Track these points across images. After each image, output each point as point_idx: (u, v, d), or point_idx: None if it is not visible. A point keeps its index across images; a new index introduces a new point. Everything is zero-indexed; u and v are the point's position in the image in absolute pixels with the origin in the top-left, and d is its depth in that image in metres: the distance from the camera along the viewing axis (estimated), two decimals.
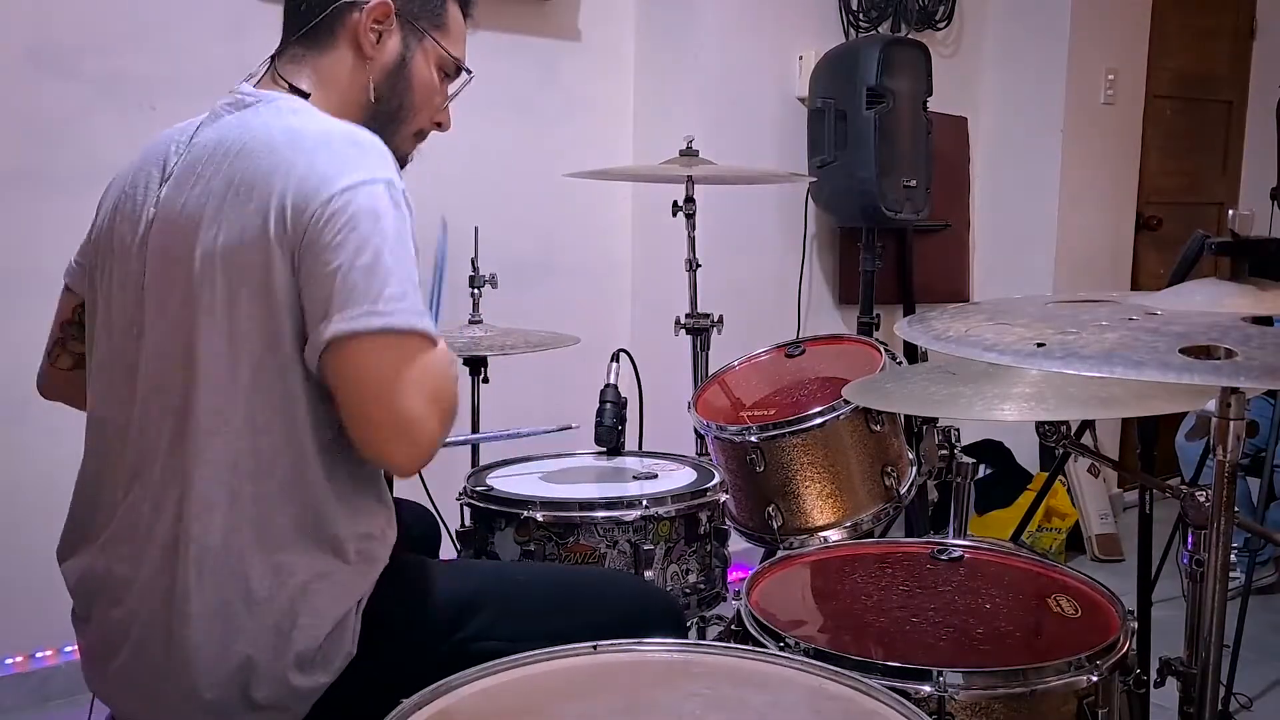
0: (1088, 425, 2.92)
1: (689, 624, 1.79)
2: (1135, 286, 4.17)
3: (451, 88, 1.45)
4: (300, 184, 1.15)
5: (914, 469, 2.01)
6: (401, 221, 1.18)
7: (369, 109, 1.36)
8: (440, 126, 1.46)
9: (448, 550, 1.83)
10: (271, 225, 1.15)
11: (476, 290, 2.32)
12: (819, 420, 1.89)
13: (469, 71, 1.44)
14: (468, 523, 1.75)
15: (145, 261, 1.24)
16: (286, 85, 1.31)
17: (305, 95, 1.31)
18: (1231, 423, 1.08)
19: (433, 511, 1.80)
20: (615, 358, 2.02)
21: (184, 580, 1.17)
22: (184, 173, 1.24)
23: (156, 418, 1.21)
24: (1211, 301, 1.04)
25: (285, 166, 1.17)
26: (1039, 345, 0.92)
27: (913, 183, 3.28)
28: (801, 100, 3.40)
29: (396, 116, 1.39)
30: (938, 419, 2.01)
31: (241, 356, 1.17)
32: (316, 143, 1.19)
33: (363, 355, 1.13)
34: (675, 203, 2.49)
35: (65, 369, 1.44)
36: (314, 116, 1.26)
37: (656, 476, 1.85)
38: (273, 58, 1.36)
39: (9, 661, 2.48)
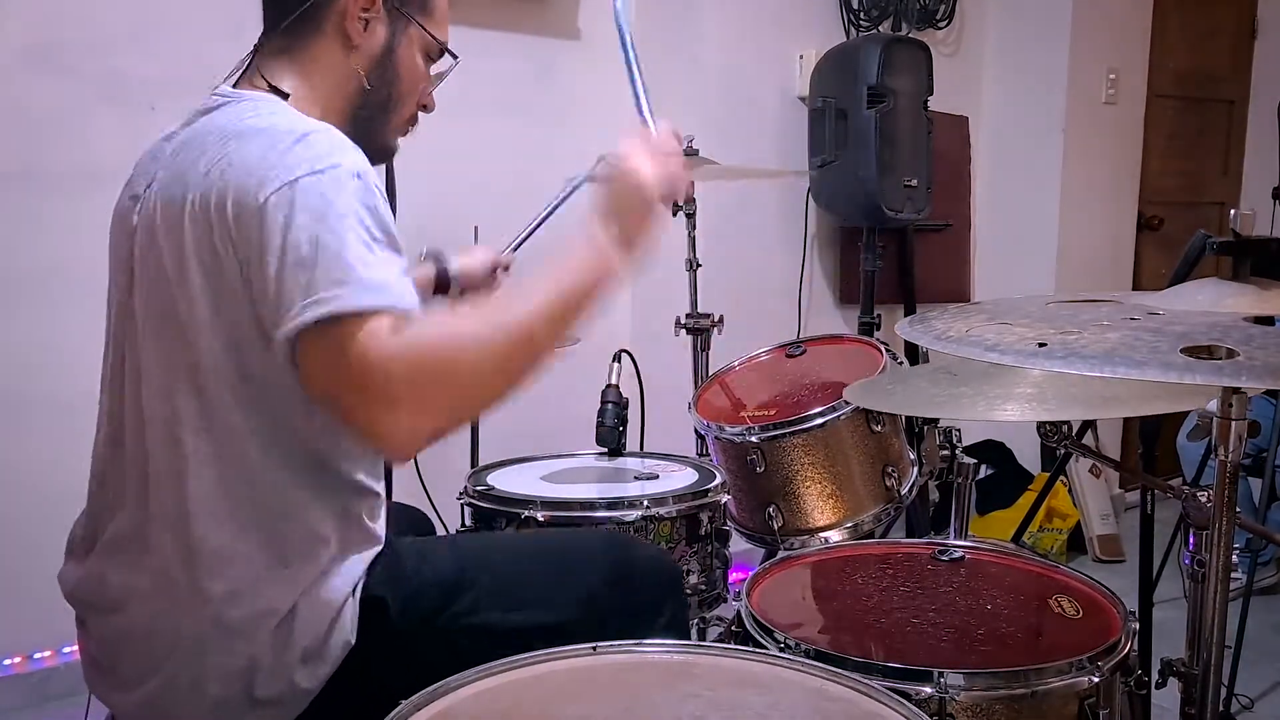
0: (1089, 425, 2.92)
1: (690, 625, 1.78)
2: (1137, 286, 4.17)
3: (436, 69, 1.41)
4: (240, 185, 1.11)
5: (915, 469, 2.00)
6: (350, 198, 1.10)
7: (359, 98, 1.32)
8: (425, 108, 1.42)
9: None
10: (215, 229, 1.12)
11: None
12: (819, 420, 1.89)
13: (455, 56, 1.40)
14: (468, 522, 1.75)
15: (133, 273, 1.23)
16: (266, 84, 1.27)
17: (284, 95, 1.26)
18: (1233, 423, 1.08)
19: (428, 517, 1.79)
20: (616, 358, 2.02)
21: (188, 587, 1.17)
22: (162, 179, 1.22)
23: (147, 425, 1.20)
24: (1213, 301, 1.04)
25: (229, 168, 1.12)
26: (1040, 345, 0.92)
27: (913, 182, 3.27)
28: (802, 100, 3.40)
29: (386, 105, 1.35)
30: (939, 419, 2.00)
31: (217, 365, 1.16)
32: (268, 141, 1.13)
33: (314, 351, 1.08)
34: (675, 202, 2.48)
35: None
36: (279, 116, 1.20)
37: (658, 477, 1.85)
38: (255, 52, 1.32)
39: (7, 662, 2.48)
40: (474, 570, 1.34)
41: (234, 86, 1.30)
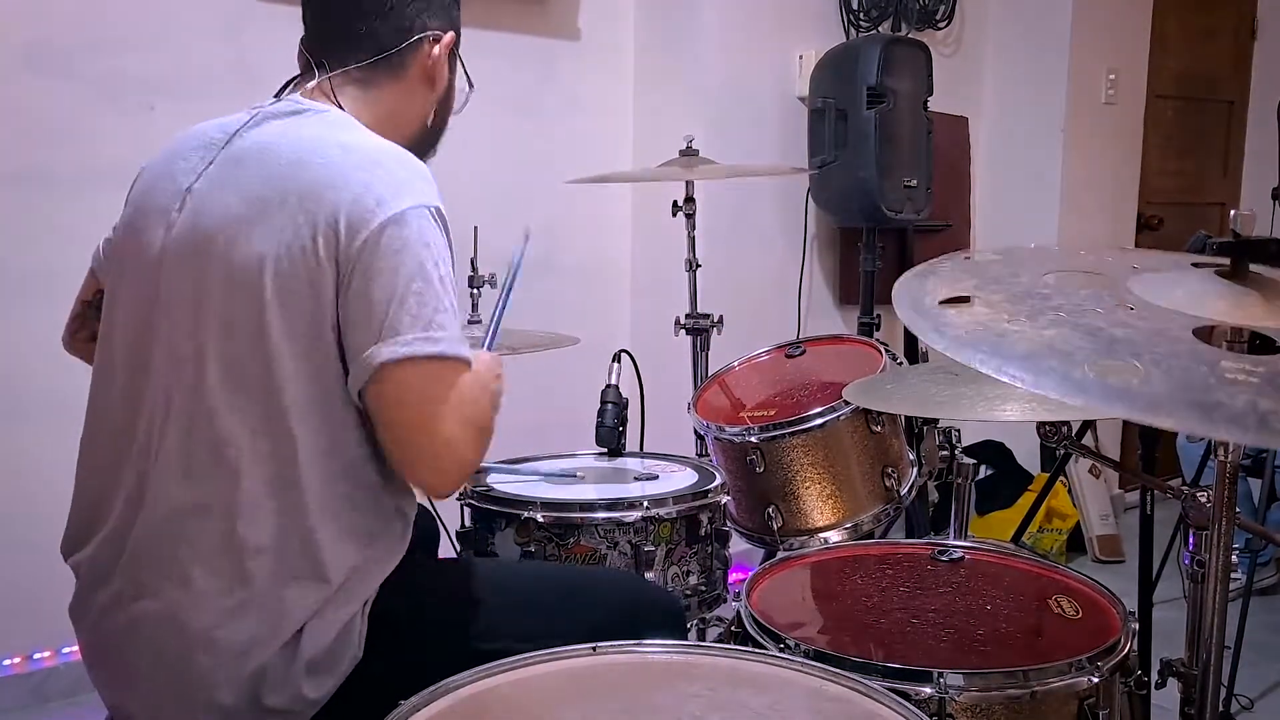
0: (1089, 426, 2.92)
1: (690, 625, 1.78)
2: None
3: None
4: (355, 204, 1.16)
5: (914, 470, 2.00)
6: (446, 248, 1.21)
7: (421, 132, 1.40)
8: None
9: (445, 551, 1.82)
10: (321, 240, 1.16)
11: (476, 290, 2.31)
12: (819, 421, 1.89)
13: (471, 85, 1.48)
14: (468, 523, 1.75)
15: (166, 258, 1.23)
16: (338, 104, 1.32)
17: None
18: None
19: (431, 513, 1.80)
20: (616, 358, 2.02)
21: (208, 586, 1.17)
22: (221, 173, 1.23)
23: (169, 419, 1.20)
24: (1195, 301, 1.01)
25: (338, 181, 1.17)
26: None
27: (913, 182, 3.27)
28: (802, 100, 3.40)
29: (435, 138, 1.44)
30: (938, 419, 2.00)
31: (275, 368, 1.17)
32: (370, 161, 1.21)
33: (410, 381, 1.16)
34: (675, 202, 2.48)
35: (83, 341, 1.44)
36: (365, 134, 1.27)
37: (657, 478, 1.85)
38: (318, 68, 1.34)
39: (7, 663, 2.48)
40: (485, 597, 1.36)
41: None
